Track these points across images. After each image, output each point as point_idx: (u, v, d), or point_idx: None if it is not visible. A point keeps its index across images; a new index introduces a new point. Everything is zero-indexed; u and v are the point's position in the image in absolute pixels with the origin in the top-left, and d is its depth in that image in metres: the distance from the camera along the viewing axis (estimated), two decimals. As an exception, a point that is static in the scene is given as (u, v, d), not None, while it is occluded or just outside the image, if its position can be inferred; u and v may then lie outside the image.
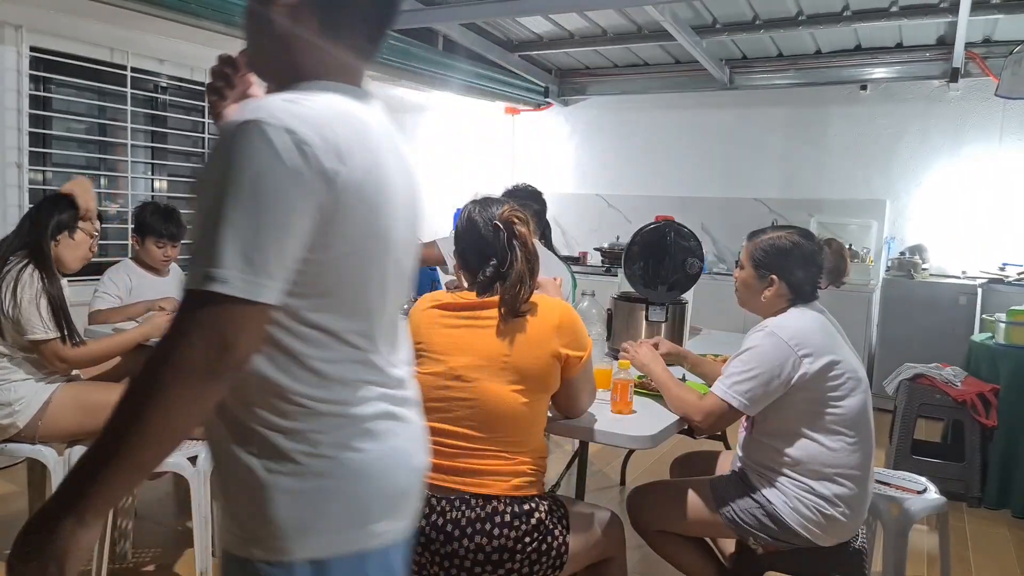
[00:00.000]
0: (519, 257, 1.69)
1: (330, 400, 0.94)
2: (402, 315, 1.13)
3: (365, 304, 0.96)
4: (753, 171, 6.13)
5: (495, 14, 4.64)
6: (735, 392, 1.88)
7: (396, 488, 1.00)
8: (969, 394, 3.49)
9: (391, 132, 1.02)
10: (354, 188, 0.89)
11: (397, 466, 1.00)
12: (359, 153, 0.90)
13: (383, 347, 1.01)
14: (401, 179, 1.01)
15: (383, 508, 0.98)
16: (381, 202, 0.95)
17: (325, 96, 0.93)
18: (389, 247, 0.98)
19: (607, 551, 1.84)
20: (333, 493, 0.94)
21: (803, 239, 2.04)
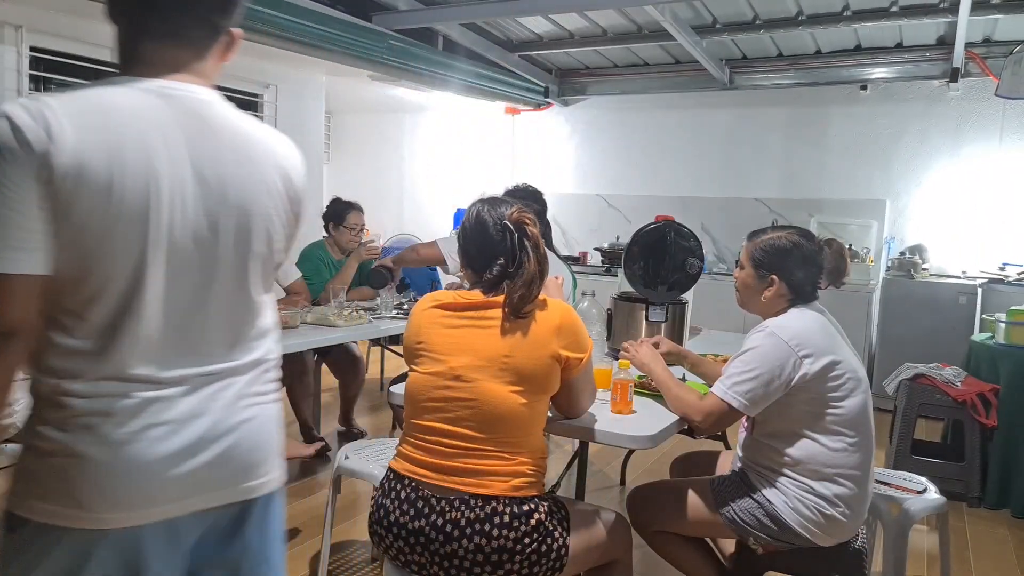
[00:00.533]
0: (531, 259, 1.69)
1: (50, 383, 1.01)
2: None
3: (100, 292, 0.99)
4: (753, 171, 6.13)
5: (495, 14, 4.64)
6: (735, 392, 1.88)
7: (86, 479, 1.01)
8: (969, 394, 3.49)
9: (180, 124, 1.04)
10: (72, 169, 0.94)
11: (85, 462, 1.01)
12: (85, 137, 0.95)
13: (128, 340, 1.01)
14: (178, 171, 1.02)
15: (65, 493, 1.01)
16: (121, 189, 0.97)
17: (99, 89, 1.02)
18: (147, 237, 1.00)
19: (611, 553, 1.83)
20: (36, 467, 1.02)
21: (803, 239, 2.04)
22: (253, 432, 1.13)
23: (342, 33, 4.36)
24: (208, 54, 1.12)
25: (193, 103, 1.07)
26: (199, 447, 1.07)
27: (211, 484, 1.09)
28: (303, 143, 6.11)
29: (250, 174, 1.10)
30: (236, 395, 1.12)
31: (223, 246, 1.08)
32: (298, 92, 5.82)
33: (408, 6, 4.69)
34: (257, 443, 1.14)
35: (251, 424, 1.13)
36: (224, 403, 1.10)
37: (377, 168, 7.79)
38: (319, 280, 3.95)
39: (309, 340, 3.02)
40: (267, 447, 1.16)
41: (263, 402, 1.16)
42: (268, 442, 1.16)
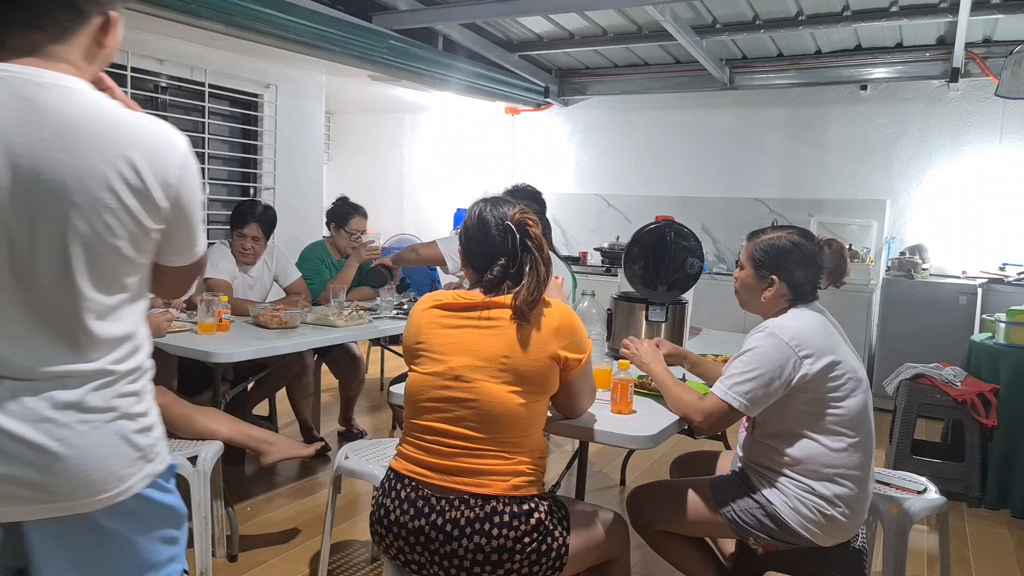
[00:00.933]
0: (537, 261, 1.69)
1: None
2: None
3: None
4: (753, 171, 6.13)
5: (495, 14, 4.64)
6: (735, 393, 1.88)
7: None
8: (969, 394, 3.49)
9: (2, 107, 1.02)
10: None
11: None
12: None
13: None
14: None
15: None
16: None
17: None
18: None
19: (610, 552, 1.83)
20: None
21: (803, 239, 2.03)
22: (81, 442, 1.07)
23: (342, 33, 4.36)
24: (70, 38, 1.09)
25: (24, 86, 1.03)
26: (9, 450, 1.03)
27: (26, 495, 1.05)
28: (303, 143, 6.14)
29: (79, 161, 1.03)
30: (51, 405, 1.06)
31: (32, 235, 1.02)
32: (298, 92, 5.82)
33: (408, 6, 4.69)
34: (83, 454, 1.07)
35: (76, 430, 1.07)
36: (19, 412, 1.04)
37: (377, 168, 7.79)
38: (319, 280, 3.95)
39: (309, 340, 3.02)
40: (96, 460, 1.09)
41: (93, 420, 1.09)
42: (87, 461, 1.08)
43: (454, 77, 5.38)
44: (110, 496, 1.11)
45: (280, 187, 5.72)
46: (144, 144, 1.10)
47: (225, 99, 5.45)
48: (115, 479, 1.11)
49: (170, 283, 1.26)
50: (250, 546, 2.82)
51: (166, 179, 1.11)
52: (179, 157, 1.14)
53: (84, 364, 1.08)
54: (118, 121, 1.09)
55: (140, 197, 1.09)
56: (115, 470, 1.11)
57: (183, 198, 1.14)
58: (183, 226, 1.17)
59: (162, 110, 4.99)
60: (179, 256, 1.21)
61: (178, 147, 1.14)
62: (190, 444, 2.48)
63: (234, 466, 3.56)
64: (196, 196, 1.18)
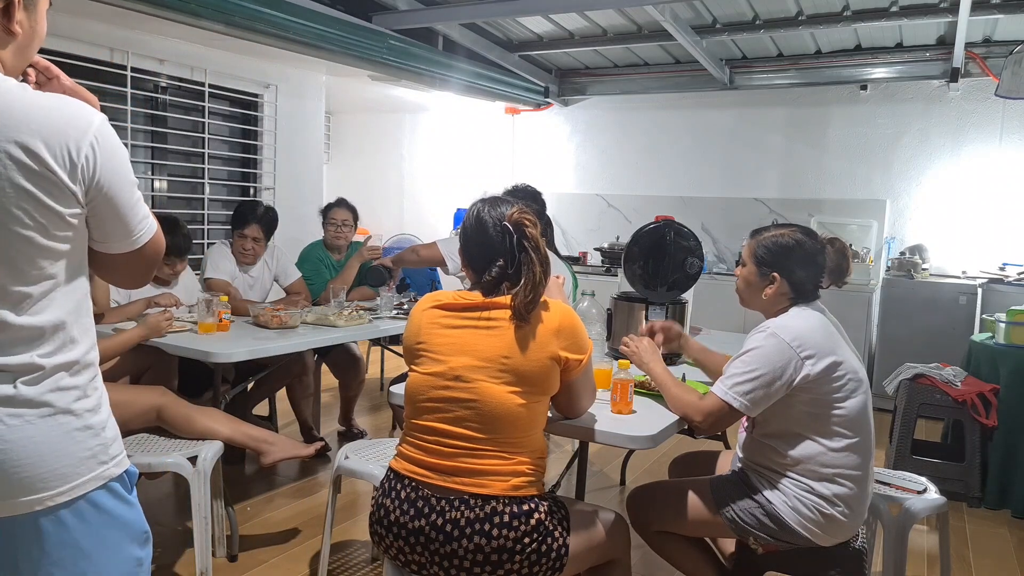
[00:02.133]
0: (534, 261, 1.69)
1: None
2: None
3: None
4: (753, 171, 6.13)
5: (495, 14, 4.64)
6: (736, 393, 1.88)
7: None
8: (969, 394, 3.49)
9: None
10: None
11: None
12: None
13: None
14: None
15: None
16: None
17: None
18: None
19: (610, 553, 1.83)
20: None
21: (806, 237, 2.03)
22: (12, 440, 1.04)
23: (342, 33, 4.36)
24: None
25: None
26: None
27: None
28: (303, 143, 6.14)
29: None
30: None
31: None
32: (298, 92, 5.82)
33: (408, 6, 4.69)
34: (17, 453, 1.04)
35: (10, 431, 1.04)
36: None
37: (377, 168, 7.79)
38: (319, 280, 3.95)
39: (309, 340, 3.02)
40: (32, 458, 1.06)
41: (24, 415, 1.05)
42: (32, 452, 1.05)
43: (454, 77, 5.38)
44: (50, 495, 1.06)
45: (280, 187, 5.72)
46: (43, 126, 1.03)
47: (225, 99, 5.45)
48: (55, 477, 1.07)
49: (115, 271, 1.20)
50: (250, 546, 2.82)
51: (72, 159, 1.04)
52: (88, 136, 1.06)
53: (7, 358, 1.04)
54: (14, 105, 1.02)
55: (41, 181, 1.03)
56: (54, 467, 1.07)
57: (100, 179, 1.08)
58: (108, 208, 1.11)
59: (162, 110, 5.00)
60: (115, 242, 1.14)
61: (86, 126, 1.07)
62: (190, 444, 2.47)
63: (234, 466, 3.56)
64: (118, 176, 1.11)
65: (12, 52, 1.09)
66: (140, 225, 1.16)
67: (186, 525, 2.90)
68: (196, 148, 5.23)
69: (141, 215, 1.16)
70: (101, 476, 1.12)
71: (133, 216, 1.15)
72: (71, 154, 1.04)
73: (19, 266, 1.04)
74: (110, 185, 1.10)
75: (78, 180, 1.06)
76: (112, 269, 1.19)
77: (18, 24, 1.08)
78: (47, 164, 1.03)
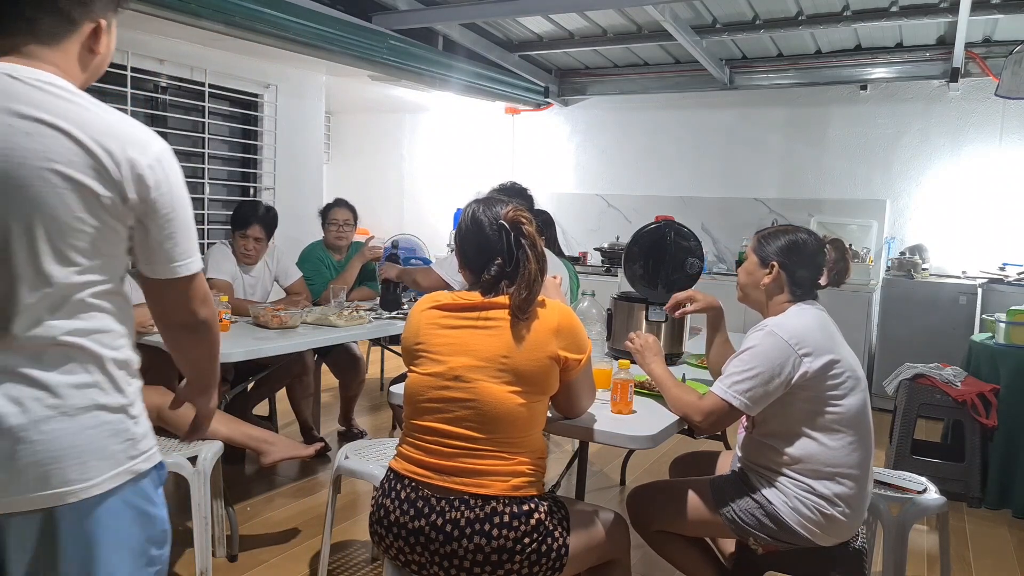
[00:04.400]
0: (530, 257, 1.69)
1: None
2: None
3: None
4: (753, 171, 6.13)
5: (495, 14, 4.64)
6: (735, 392, 1.88)
7: None
8: (969, 394, 3.49)
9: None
10: None
11: None
12: None
13: None
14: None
15: None
16: None
17: None
18: None
19: (610, 553, 1.83)
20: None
21: (807, 236, 2.06)
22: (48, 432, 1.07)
23: (342, 33, 4.36)
24: (59, 43, 1.13)
25: (2, 80, 1.08)
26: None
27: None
28: (303, 143, 6.13)
29: (47, 150, 1.06)
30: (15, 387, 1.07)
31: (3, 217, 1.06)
32: (298, 92, 5.82)
33: (408, 6, 4.69)
34: (52, 445, 1.07)
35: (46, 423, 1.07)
36: None
37: (377, 168, 7.79)
38: (320, 280, 3.95)
39: (309, 340, 3.02)
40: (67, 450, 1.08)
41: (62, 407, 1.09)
42: (67, 445, 1.08)
43: (454, 77, 5.38)
44: (83, 488, 1.09)
45: (280, 187, 5.72)
46: (117, 137, 1.10)
47: (225, 99, 5.45)
48: (87, 470, 1.09)
49: (157, 300, 1.23)
50: (250, 546, 2.82)
51: (138, 172, 1.11)
52: (152, 153, 1.13)
53: (47, 348, 1.08)
54: (85, 115, 1.09)
55: (104, 183, 1.08)
56: (86, 460, 1.09)
57: (156, 197, 1.13)
58: (158, 225, 1.15)
59: (162, 110, 4.99)
60: (157, 265, 1.18)
61: (153, 145, 1.14)
62: (190, 444, 2.47)
63: (234, 466, 3.56)
64: (174, 197, 1.16)
65: (90, 71, 1.19)
66: (184, 255, 1.19)
67: (186, 525, 2.90)
68: (196, 148, 5.22)
69: (188, 247, 1.20)
70: (131, 471, 1.15)
71: (181, 243, 1.18)
72: (136, 167, 1.10)
73: (67, 256, 1.08)
74: (165, 203, 1.15)
75: (136, 191, 1.11)
76: (153, 296, 1.23)
77: (102, 45, 1.18)
78: (107, 170, 1.08)
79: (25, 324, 1.07)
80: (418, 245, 6.33)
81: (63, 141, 1.06)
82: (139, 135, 1.14)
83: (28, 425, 1.06)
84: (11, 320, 1.06)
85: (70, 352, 1.09)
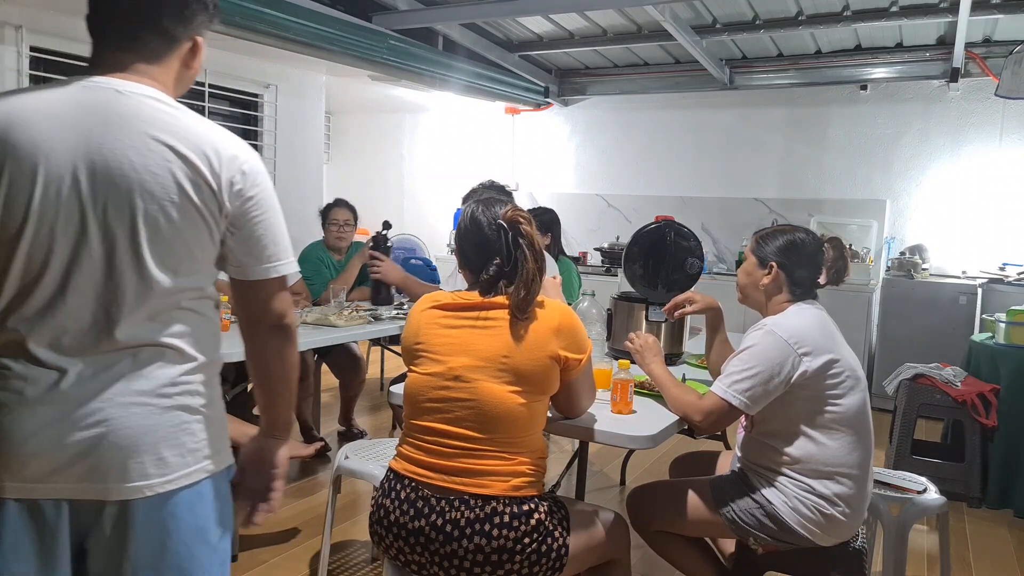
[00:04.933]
0: (528, 257, 1.69)
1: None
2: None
3: (2, 274, 1.10)
4: (753, 171, 6.13)
5: (495, 14, 4.64)
6: (735, 391, 1.88)
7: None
8: (969, 394, 3.49)
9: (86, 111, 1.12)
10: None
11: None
12: None
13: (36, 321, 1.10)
14: (64, 152, 1.09)
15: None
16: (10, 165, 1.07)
17: (37, 86, 1.18)
18: (18, 222, 1.08)
19: (610, 553, 1.83)
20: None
21: (806, 236, 2.06)
22: (132, 427, 1.11)
23: (342, 33, 4.36)
24: (161, 60, 1.20)
25: (107, 94, 1.14)
26: (61, 429, 1.09)
27: (77, 473, 1.09)
28: (303, 143, 6.13)
29: (148, 158, 1.11)
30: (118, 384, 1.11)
31: (100, 223, 1.10)
32: (298, 92, 5.82)
33: (408, 6, 4.69)
34: (134, 440, 1.11)
35: (130, 419, 1.11)
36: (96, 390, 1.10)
37: (377, 168, 7.79)
38: (319, 280, 3.95)
39: (309, 340, 3.02)
40: (147, 446, 1.12)
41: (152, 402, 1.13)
42: (148, 441, 1.13)
43: (454, 77, 5.38)
44: (160, 482, 1.13)
45: (280, 187, 5.69)
46: (214, 147, 1.16)
47: (225, 99, 5.45)
48: (166, 465, 1.14)
49: (248, 303, 1.27)
50: (250, 546, 2.82)
51: (234, 181, 1.17)
52: (247, 162, 1.20)
53: (140, 348, 1.14)
54: (184, 121, 1.16)
55: (200, 190, 1.14)
56: (165, 455, 1.14)
57: (251, 204, 1.19)
58: (253, 229, 1.20)
59: (162, 110, 5.00)
60: (250, 266, 1.22)
61: (246, 154, 1.21)
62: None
63: (234, 466, 3.56)
64: (268, 203, 1.22)
65: (183, 84, 1.26)
66: (278, 256, 1.24)
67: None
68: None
69: (280, 249, 1.24)
70: (205, 469, 1.19)
71: (269, 246, 1.23)
72: (228, 177, 1.16)
73: (167, 263, 1.14)
74: (257, 211, 1.20)
75: (229, 200, 1.17)
76: (243, 300, 1.27)
77: (197, 61, 1.25)
78: (207, 180, 1.14)
79: (128, 328, 1.12)
80: (418, 245, 6.33)
81: (165, 153, 1.12)
82: (234, 145, 1.19)
83: (114, 419, 1.10)
84: (116, 324, 1.11)
85: (163, 352, 1.15)
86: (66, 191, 1.09)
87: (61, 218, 1.09)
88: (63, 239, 1.09)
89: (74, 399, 1.09)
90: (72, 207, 1.09)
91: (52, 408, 1.09)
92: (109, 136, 1.11)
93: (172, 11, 1.19)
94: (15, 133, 1.08)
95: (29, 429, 1.08)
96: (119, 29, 1.18)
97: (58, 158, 1.09)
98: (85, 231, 1.10)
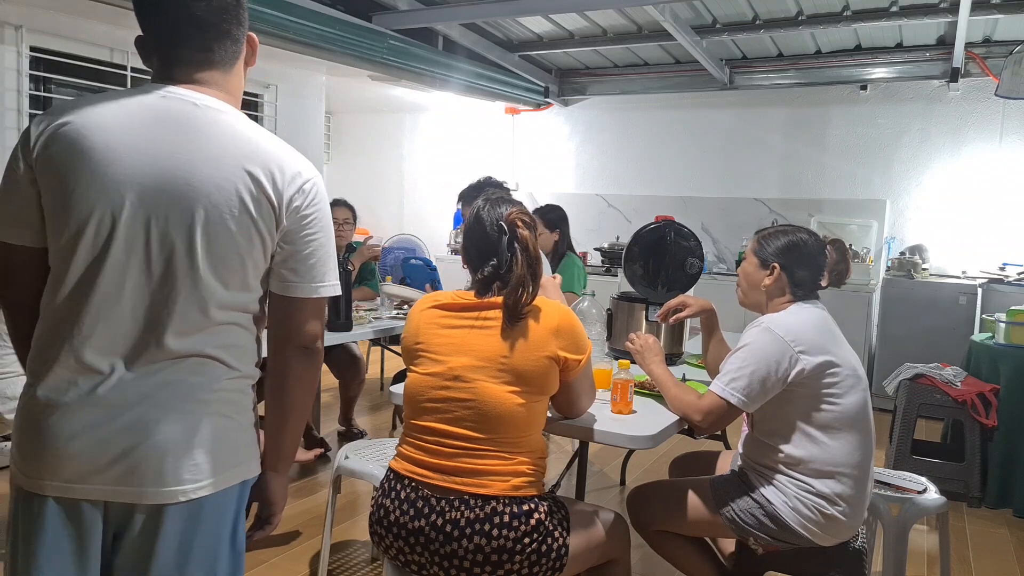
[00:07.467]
0: (520, 261, 1.68)
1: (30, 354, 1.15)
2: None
3: (61, 273, 1.12)
4: (753, 171, 6.13)
5: (495, 14, 4.64)
6: (732, 389, 1.88)
7: (21, 447, 1.14)
8: (969, 394, 3.49)
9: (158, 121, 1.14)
10: (43, 160, 1.11)
11: (23, 429, 1.14)
12: (57, 133, 1.11)
13: (87, 324, 1.11)
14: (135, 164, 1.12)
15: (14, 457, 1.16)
16: (71, 171, 1.10)
17: (116, 93, 1.19)
18: (81, 223, 1.10)
19: (610, 553, 1.83)
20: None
21: (808, 236, 2.05)
22: (169, 432, 1.13)
23: (342, 33, 4.36)
24: (233, 67, 1.24)
25: (184, 105, 1.16)
26: (102, 432, 1.11)
27: (114, 476, 1.11)
28: (303, 143, 6.12)
29: (216, 171, 1.14)
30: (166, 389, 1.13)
31: (161, 231, 1.13)
32: (298, 92, 5.82)
33: (408, 6, 4.68)
34: (172, 445, 1.12)
35: (168, 424, 1.13)
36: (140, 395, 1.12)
37: (377, 168, 7.79)
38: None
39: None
40: (184, 451, 1.14)
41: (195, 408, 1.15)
42: (185, 446, 1.14)
43: (454, 77, 5.38)
44: (195, 488, 1.14)
45: (280, 187, 5.71)
46: (278, 164, 1.19)
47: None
48: (202, 471, 1.15)
49: (284, 320, 1.26)
50: (250, 546, 2.81)
51: (293, 199, 1.19)
52: (307, 180, 1.23)
53: (195, 359, 1.16)
54: (250, 140, 1.19)
55: (260, 206, 1.16)
56: (200, 462, 1.15)
57: (307, 223, 1.21)
58: (305, 248, 1.22)
59: (162, 110, 5.00)
60: (296, 283, 1.22)
61: (307, 172, 1.24)
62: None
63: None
64: (323, 224, 1.24)
65: (244, 84, 1.28)
66: (325, 277, 1.26)
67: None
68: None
69: (327, 270, 1.26)
70: (235, 476, 1.21)
71: (317, 266, 1.24)
72: (288, 194, 1.19)
73: (221, 275, 1.16)
74: (312, 229, 1.23)
75: (286, 216, 1.19)
76: (280, 316, 1.26)
77: (255, 57, 1.29)
78: (272, 194, 1.17)
79: (175, 336, 1.13)
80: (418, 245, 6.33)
81: (234, 168, 1.15)
82: (298, 163, 1.22)
83: (153, 423, 1.12)
84: (165, 331, 1.13)
85: (207, 363, 1.16)
86: (132, 197, 1.11)
87: (123, 224, 1.11)
88: (123, 244, 1.11)
89: (116, 402, 1.11)
90: (136, 214, 1.11)
91: (95, 410, 1.10)
92: (182, 148, 1.13)
93: (235, 17, 1.21)
94: (91, 137, 1.10)
95: (72, 430, 1.10)
96: (195, 42, 1.19)
97: (128, 165, 1.11)
98: (146, 238, 1.11)
